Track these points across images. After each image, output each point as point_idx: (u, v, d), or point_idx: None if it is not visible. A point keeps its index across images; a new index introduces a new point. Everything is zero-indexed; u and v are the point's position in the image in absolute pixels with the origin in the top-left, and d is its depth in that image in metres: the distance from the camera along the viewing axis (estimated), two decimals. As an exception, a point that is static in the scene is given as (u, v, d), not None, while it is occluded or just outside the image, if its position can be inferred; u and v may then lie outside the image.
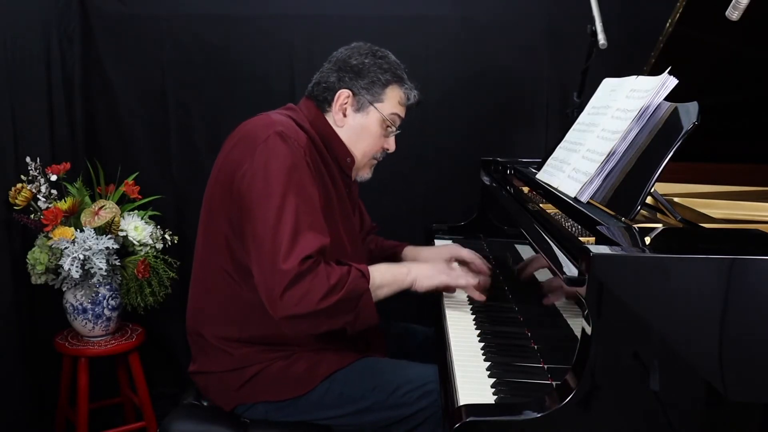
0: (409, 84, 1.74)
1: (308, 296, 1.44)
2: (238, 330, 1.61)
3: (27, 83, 2.29)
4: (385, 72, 1.70)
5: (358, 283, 1.52)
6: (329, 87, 1.70)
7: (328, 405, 1.58)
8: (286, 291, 1.43)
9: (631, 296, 1.05)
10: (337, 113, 1.71)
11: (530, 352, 1.43)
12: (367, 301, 1.53)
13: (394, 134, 1.76)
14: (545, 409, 1.07)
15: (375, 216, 2.08)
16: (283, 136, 1.54)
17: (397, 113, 1.73)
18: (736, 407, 1.06)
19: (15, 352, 2.25)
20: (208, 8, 2.56)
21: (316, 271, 1.45)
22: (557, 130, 2.38)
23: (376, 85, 1.69)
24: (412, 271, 1.65)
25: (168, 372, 2.71)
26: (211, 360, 1.64)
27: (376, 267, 1.61)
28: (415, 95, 1.75)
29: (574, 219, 1.39)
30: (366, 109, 1.70)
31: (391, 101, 1.71)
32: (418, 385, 1.55)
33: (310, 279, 1.44)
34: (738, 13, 1.33)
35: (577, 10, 2.15)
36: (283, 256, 1.43)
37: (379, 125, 1.72)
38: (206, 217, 1.66)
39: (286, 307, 1.44)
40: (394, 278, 1.62)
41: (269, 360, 1.60)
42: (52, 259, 2.12)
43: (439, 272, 1.69)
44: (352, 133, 1.71)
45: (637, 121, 1.43)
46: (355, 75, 1.69)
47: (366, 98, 1.69)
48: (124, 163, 2.48)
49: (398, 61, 1.74)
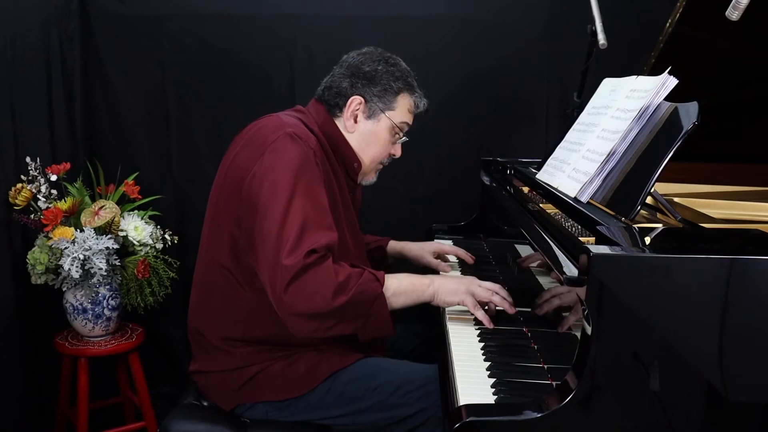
0: (419, 92, 1.76)
1: (315, 293, 1.41)
2: (240, 330, 1.60)
3: (27, 83, 2.28)
4: (398, 80, 1.71)
5: (370, 285, 1.48)
6: (341, 93, 1.71)
7: (329, 405, 1.58)
8: (290, 285, 1.40)
9: (631, 296, 1.05)
10: (348, 119, 1.71)
11: (530, 352, 1.43)
12: (381, 307, 1.49)
13: (401, 141, 1.78)
14: (545, 409, 1.07)
15: (375, 216, 2.09)
16: (293, 137, 1.54)
17: (406, 121, 1.75)
18: (736, 407, 1.06)
19: (15, 352, 2.25)
20: (208, 8, 2.56)
21: (321, 265, 1.43)
22: (557, 130, 2.38)
23: (389, 93, 1.70)
24: (434, 284, 1.58)
25: (168, 372, 2.71)
26: (212, 359, 1.64)
27: (395, 275, 1.58)
28: (425, 104, 1.77)
29: (574, 219, 1.39)
30: (377, 117, 1.71)
31: (401, 109, 1.73)
32: (418, 386, 1.55)
33: (315, 273, 1.42)
34: (738, 13, 1.33)
35: (577, 10, 2.16)
36: (288, 251, 1.42)
37: (388, 132, 1.73)
38: (212, 217, 1.65)
39: (291, 303, 1.41)
40: (413, 288, 1.57)
41: (270, 360, 1.60)
42: (52, 259, 2.12)
43: (465, 288, 1.57)
44: (362, 139, 1.72)
45: (637, 121, 1.43)
46: (368, 82, 1.70)
47: (378, 106, 1.70)
48: (124, 163, 2.48)
49: (409, 69, 1.76)
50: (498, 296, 1.56)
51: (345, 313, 1.45)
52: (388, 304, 1.50)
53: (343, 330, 1.49)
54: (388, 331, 1.53)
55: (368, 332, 1.51)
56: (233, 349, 1.61)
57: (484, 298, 1.56)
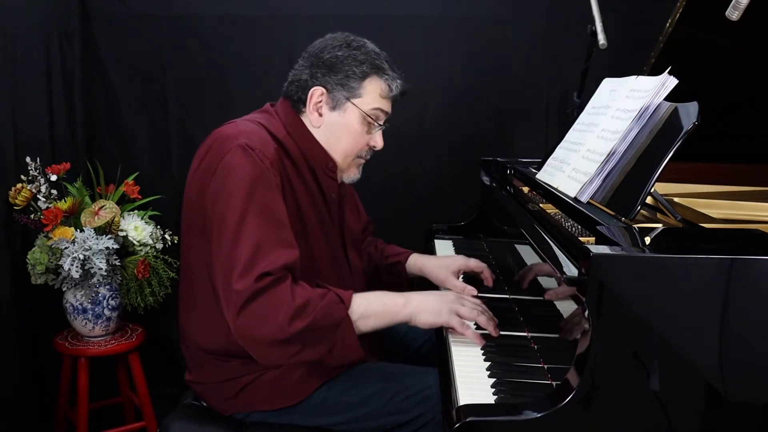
0: (391, 74, 1.58)
1: (268, 319, 1.32)
2: (224, 345, 1.53)
3: (27, 83, 2.29)
4: (361, 64, 1.55)
5: (333, 308, 1.38)
6: (302, 85, 1.58)
7: (326, 412, 1.54)
8: (242, 310, 1.32)
9: (631, 296, 1.05)
10: (312, 113, 1.58)
11: (530, 352, 1.43)
12: (347, 331, 1.39)
13: (379, 130, 1.62)
14: (545, 409, 1.07)
15: (375, 216, 2.08)
16: (245, 148, 1.43)
17: (380, 107, 1.58)
18: (736, 407, 1.07)
19: (15, 352, 2.25)
20: (208, 8, 2.56)
21: (275, 289, 1.34)
22: (557, 130, 2.38)
23: (352, 79, 1.55)
24: (411, 304, 1.48)
25: (168, 372, 2.71)
26: (204, 371, 1.60)
27: (364, 295, 1.47)
28: (398, 85, 1.59)
29: (574, 219, 1.39)
30: (343, 106, 1.57)
31: (370, 95, 1.57)
32: (416, 391, 1.52)
33: (268, 298, 1.33)
34: (738, 13, 1.33)
35: (577, 10, 2.16)
36: (239, 275, 1.33)
37: (359, 122, 1.58)
38: (185, 233, 1.58)
39: (245, 328, 1.33)
40: (384, 309, 1.47)
41: (260, 370, 1.53)
42: (52, 259, 2.12)
43: (446, 308, 1.48)
44: (330, 133, 1.59)
45: (637, 121, 1.43)
46: (328, 70, 1.55)
47: (342, 94, 1.56)
48: (124, 163, 2.48)
49: (378, 50, 1.59)
50: (484, 317, 1.49)
51: (306, 338, 1.35)
52: (355, 329, 1.41)
53: (307, 356, 1.38)
54: (357, 356, 1.44)
55: (335, 359, 1.42)
56: (221, 362, 1.56)
57: (470, 318, 1.48)
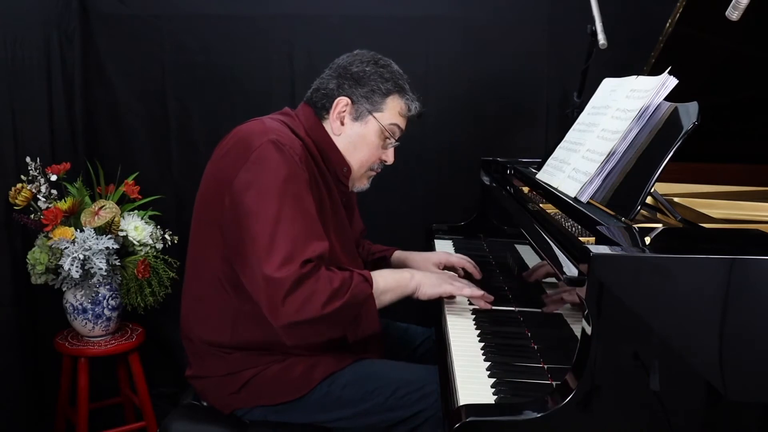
0: (411, 95, 1.70)
1: (311, 301, 1.41)
2: (228, 336, 1.58)
3: (27, 83, 2.29)
4: (387, 81, 1.66)
5: (362, 287, 1.50)
6: (328, 94, 1.67)
7: (327, 408, 1.56)
8: (288, 296, 1.39)
9: (631, 296, 1.05)
10: (335, 121, 1.67)
11: (530, 352, 1.43)
12: (370, 307, 1.52)
13: (392, 146, 1.72)
14: (545, 409, 1.07)
15: (375, 216, 2.08)
16: (277, 144, 1.50)
17: (397, 124, 1.69)
18: (736, 407, 1.06)
19: (15, 352, 2.25)
20: (208, 8, 2.57)
21: (317, 274, 1.43)
22: (557, 130, 2.38)
23: (376, 94, 1.66)
24: (416, 277, 1.63)
25: (168, 372, 2.71)
26: (206, 365, 1.62)
27: (378, 272, 1.59)
28: (417, 107, 1.71)
29: (574, 219, 1.39)
30: (365, 119, 1.67)
31: (390, 111, 1.67)
32: (416, 387, 1.54)
33: (312, 282, 1.42)
34: (738, 13, 1.33)
35: (577, 10, 2.16)
36: (281, 263, 1.40)
37: (377, 135, 1.68)
38: (197, 224, 1.62)
39: (288, 314, 1.40)
40: (397, 283, 1.60)
41: (264, 364, 1.57)
42: (52, 259, 2.12)
43: (444, 281, 1.65)
44: (349, 142, 1.68)
45: (637, 121, 1.43)
46: (355, 83, 1.66)
47: (365, 107, 1.66)
48: (124, 163, 2.48)
49: (401, 71, 1.71)
50: (468, 289, 1.65)
51: (338, 317, 1.46)
52: (377, 303, 1.53)
53: (335, 333, 1.49)
54: (376, 329, 1.55)
55: (360, 332, 1.52)
56: (224, 354, 1.59)
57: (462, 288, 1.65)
